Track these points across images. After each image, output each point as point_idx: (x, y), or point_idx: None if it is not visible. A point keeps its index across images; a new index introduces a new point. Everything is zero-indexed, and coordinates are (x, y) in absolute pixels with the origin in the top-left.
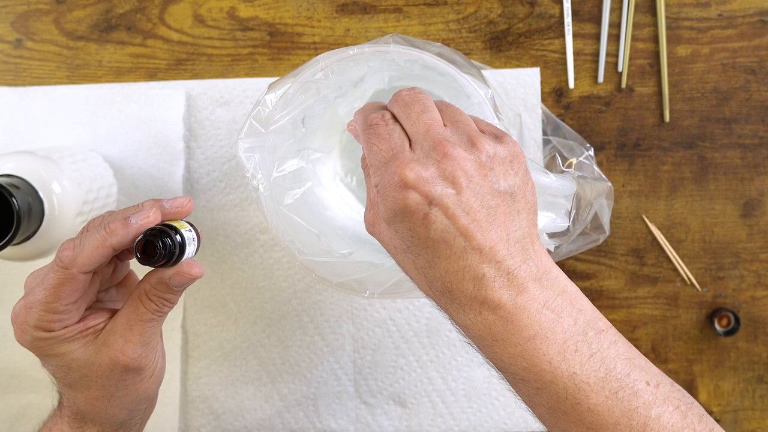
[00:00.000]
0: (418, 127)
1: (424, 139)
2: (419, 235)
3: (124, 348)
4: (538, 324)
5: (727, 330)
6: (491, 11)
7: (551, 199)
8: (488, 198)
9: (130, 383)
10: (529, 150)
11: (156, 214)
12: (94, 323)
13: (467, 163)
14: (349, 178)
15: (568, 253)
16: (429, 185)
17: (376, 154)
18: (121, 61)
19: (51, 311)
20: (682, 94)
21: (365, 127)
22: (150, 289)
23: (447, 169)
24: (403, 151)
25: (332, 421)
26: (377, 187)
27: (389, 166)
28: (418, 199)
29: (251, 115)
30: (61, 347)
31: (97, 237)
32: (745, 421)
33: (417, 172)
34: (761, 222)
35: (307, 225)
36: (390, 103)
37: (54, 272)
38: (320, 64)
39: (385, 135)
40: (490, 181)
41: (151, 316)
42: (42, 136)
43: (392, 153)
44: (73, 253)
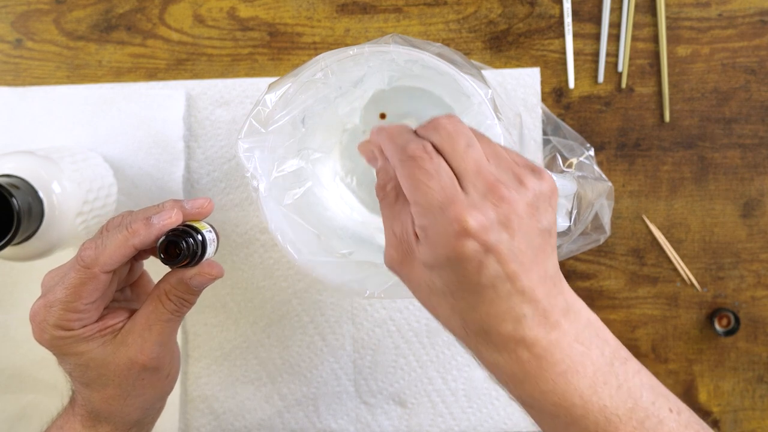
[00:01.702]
0: (468, 164)
1: (476, 178)
2: (468, 281)
3: (143, 347)
4: (569, 358)
5: (727, 330)
6: (491, 11)
7: None
8: (534, 238)
9: (147, 383)
10: (529, 150)
11: (178, 214)
12: (112, 322)
13: (519, 205)
14: (349, 178)
15: (569, 253)
16: (488, 233)
17: (424, 194)
18: (121, 61)
19: (71, 310)
20: (682, 94)
21: (404, 157)
22: (170, 290)
23: (503, 213)
24: (457, 193)
25: (332, 421)
26: (425, 230)
27: (446, 210)
28: (477, 247)
29: (251, 115)
30: (79, 346)
31: (119, 237)
32: (745, 421)
33: (479, 220)
34: (761, 222)
35: (307, 225)
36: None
37: (75, 271)
38: (320, 64)
39: (432, 171)
40: (536, 220)
41: (170, 316)
42: (42, 136)
43: (445, 194)
44: (95, 253)
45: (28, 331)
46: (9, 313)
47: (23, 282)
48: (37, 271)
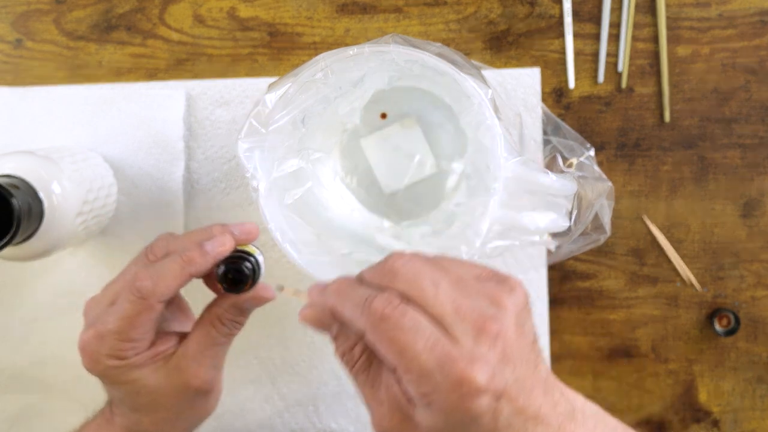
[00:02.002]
0: (444, 307)
1: (459, 320)
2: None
3: (197, 372)
4: None
5: (727, 330)
6: (491, 11)
7: (552, 199)
8: (528, 355)
9: (198, 405)
10: (529, 150)
11: (231, 242)
12: (163, 348)
13: (509, 330)
14: (349, 178)
15: (569, 253)
16: (497, 379)
17: (414, 359)
18: (121, 61)
19: (125, 340)
20: (682, 94)
21: (374, 320)
22: (223, 314)
23: (501, 350)
24: (447, 345)
25: (332, 421)
26: (427, 397)
27: (447, 372)
28: (490, 400)
29: (251, 115)
30: (132, 374)
31: (175, 267)
32: (745, 421)
33: (485, 372)
34: (761, 222)
35: (307, 225)
36: (382, 278)
37: (130, 302)
38: (320, 64)
39: (411, 327)
40: (524, 337)
41: (223, 340)
42: (42, 136)
43: (437, 353)
44: (152, 284)
45: (28, 331)
46: (9, 313)
47: (23, 282)
48: (37, 271)
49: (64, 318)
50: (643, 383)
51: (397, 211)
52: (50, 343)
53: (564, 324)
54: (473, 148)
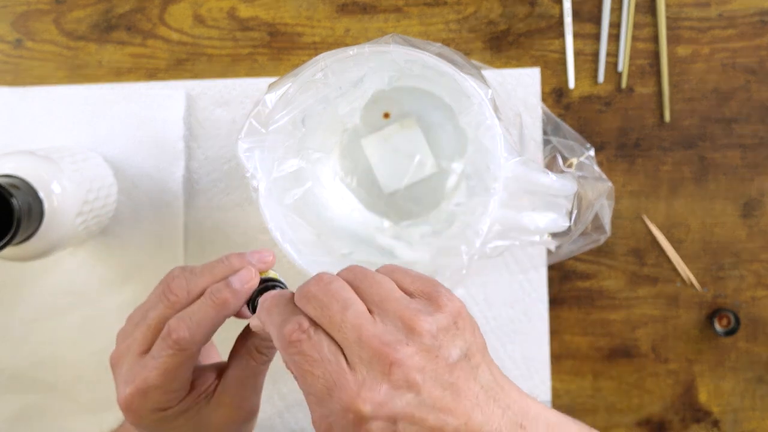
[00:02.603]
0: (347, 333)
1: (360, 348)
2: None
3: (242, 404)
4: None
5: (727, 330)
6: (491, 11)
7: (552, 199)
8: (446, 377)
9: (243, 430)
10: (529, 150)
11: (256, 274)
12: (204, 387)
13: (415, 358)
14: (349, 178)
15: (569, 253)
16: (388, 406)
17: (311, 384)
18: (121, 61)
19: (169, 392)
20: (682, 94)
21: (285, 344)
22: (260, 344)
23: (399, 378)
24: (342, 373)
25: None
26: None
27: (334, 398)
28: (382, 425)
29: (251, 115)
30: (178, 420)
31: (210, 312)
32: (745, 421)
33: (371, 399)
34: (761, 222)
35: (307, 225)
36: (299, 300)
37: (169, 356)
38: (320, 64)
39: (313, 354)
40: (443, 360)
41: (262, 368)
42: (42, 136)
43: (331, 379)
44: (190, 334)
45: (28, 331)
46: (9, 313)
47: (23, 282)
48: (37, 271)
49: (64, 318)
50: (643, 383)
51: (397, 211)
52: (50, 343)
53: (564, 324)
54: (473, 148)
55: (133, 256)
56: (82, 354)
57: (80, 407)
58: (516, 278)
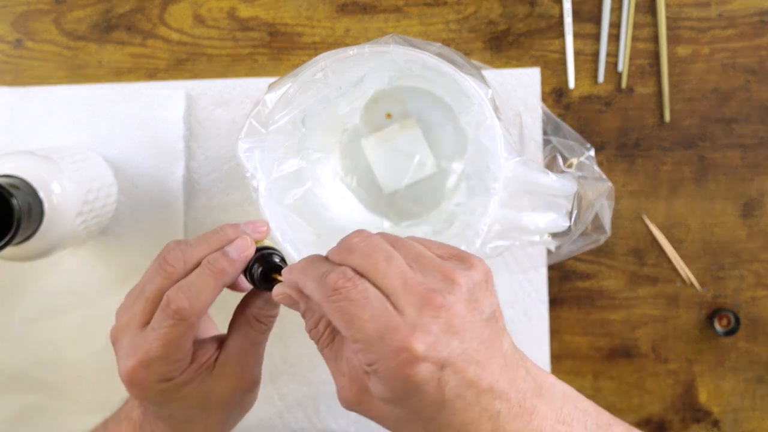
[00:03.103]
0: (393, 280)
1: (407, 293)
2: (432, 402)
3: (243, 374)
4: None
5: (727, 330)
6: (491, 11)
7: (552, 199)
8: (481, 332)
9: (246, 401)
10: (529, 150)
11: (252, 243)
12: (205, 358)
13: (458, 306)
14: (349, 178)
15: (569, 254)
16: (438, 349)
17: (360, 328)
18: (121, 61)
19: (171, 363)
20: (682, 94)
21: (328, 292)
22: (259, 313)
23: (446, 322)
24: (392, 316)
25: (332, 421)
26: (373, 366)
27: (386, 340)
28: (431, 368)
29: (251, 115)
30: (182, 391)
31: (208, 281)
32: (745, 421)
33: (425, 341)
34: (761, 222)
35: (307, 225)
36: (340, 254)
37: (170, 326)
38: (320, 64)
39: (360, 300)
40: (478, 313)
41: (263, 337)
42: (42, 136)
43: (381, 323)
44: (190, 303)
45: (28, 331)
46: (9, 313)
47: (23, 282)
48: (37, 271)
49: (64, 318)
50: (643, 383)
51: (397, 211)
52: (50, 343)
53: (564, 324)
54: (473, 148)
55: (133, 256)
56: (82, 354)
57: (80, 407)
58: (516, 278)
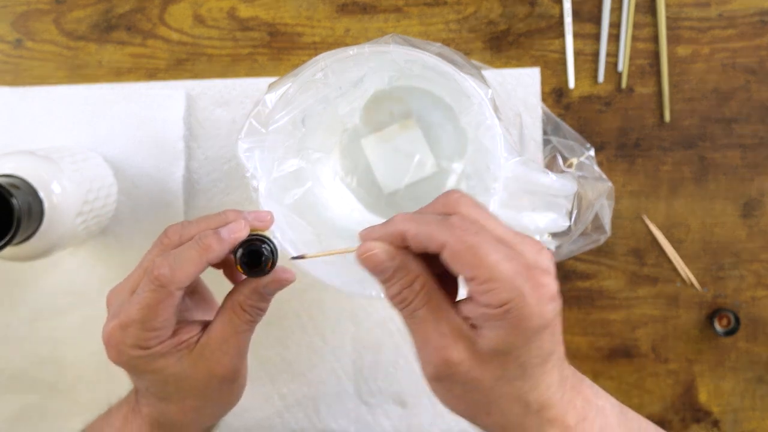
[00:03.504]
0: (504, 229)
1: (521, 242)
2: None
3: (222, 360)
4: None
5: (727, 330)
6: (491, 11)
7: (552, 199)
8: None
9: (224, 392)
10: (529, 150)
11: (247, 227)
12: (187, 337)
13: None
14: (349, 178)
15: (569, 253)
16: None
17: (496, 265)
18: (121, 61)
19: (148, 329)
20: (682, 94)
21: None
22: (244, 300)
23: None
24: (520, 257)
25: (332, 421)
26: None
27: (526, 276)
28: (555, 311)
29: (251, 115)
30: (157, 363)
31: (193, 253)
32: (745, 421)
33: (554, 281)
34: (761, 222)
35: (307, 225)
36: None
37: (150, 291)
38: (320, 64)
39: (489, 239)
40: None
41: (245, 327)
42: (42, 136)
43: (515, 261)
44: (171, 271)
45: (28, 331)
46: (9, 313)
47: (23, 282)
48: (37, 271)
49: (64, 318)
50: (643, 383)
51: (397, 210)
52: (50, 343)
53: (564, 324)
54: (473, 148)
55: (133, 256)
56: (82, 354)
57: (80, 407)
58: None
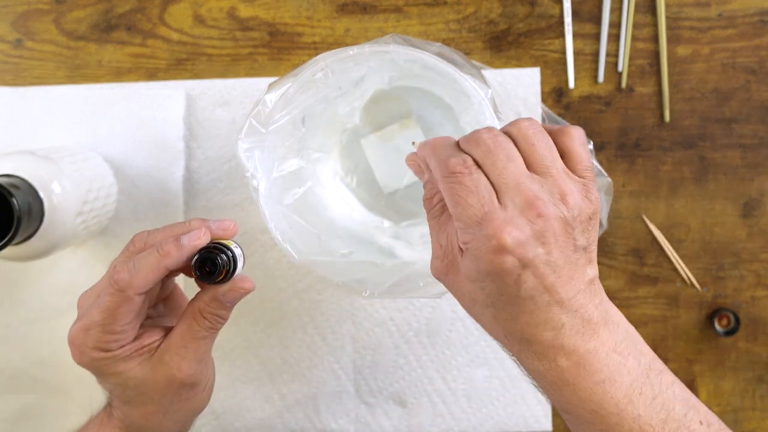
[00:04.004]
0: (507, 179)
1: (515, 193)
2: (507, 294)
3: (180, 365)
4: (607, 368)
5: (727, 330)
6: (491, 11)
7: None
8: (570, 254)
9: (185, 398)
10: None
11: (206, 234)
12: (149, 341)
13: (556, 222)
14: (349, 178)
15: None
16: (525, 248)
17: (464, 209)
18: (121, 61)
19: (108, 332)
20: (682, 94)
21: (446, 173)
22: (204, 307)
23: (539, 229)
24: (495, 208)
25: (332, 421)
26: (466, 245)
27: (483, 226)
28: (515, 263)
29: (251, 115)
30: (118, 366)
31: (151, 259)
32: (745, 421)
33: (515, 236)
34: (761, 222)
35: (307, 225)
36: (468, 144)
37: (110, 295)
38: (320, 64)
39: (471, 186)
40: (573, 239)
41: (205, 334)
42: (42, 136)
43: (483, 210)
44: (129, 276)
45: (28, 331)
46: (9, 313)
47: (23, 282)
48: (37, 271)
49: (64, 318)
50: None
51: (397, 210)
52: (50, 343)
53: None
54: None
55: None
56: None
57: (80, 407)
58: None
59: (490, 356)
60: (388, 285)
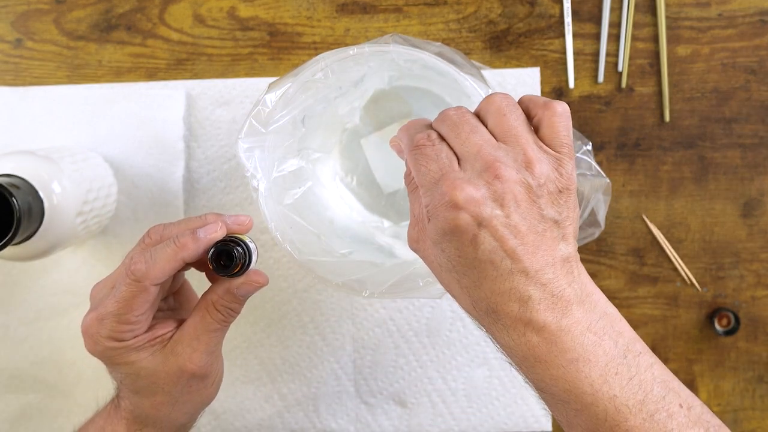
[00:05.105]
0: (469, 147)
1: (475, 158)
2: (466, 256)
3: (192, 357)
4: (581, 347)
5: (727, 330)
6: (491, 11)
7: None
8: (535, 223)
9: (194, 390)
10: None
11: (222, 228)
12: (161, 332)
13: (517, 186)
14: (349, 178)
15: None
16: (479, 206)
17: (424, 175)
18: (121, 61)
19: (123, 322)
20: (682, 94)
21: (411, 147)
22: (217, 300)
23: (498, 190)
24: (452, 170)
25: (332, 421)
26: (427, 207)
27: (439, 185)
28: (468, 219)
29: (251, 115)
30: (130, 356)
31: (168, 251)
32: (745, 421)
33: (468, 192)
34: (761, 222)
35: (307, 225)
36: (436, 122)
37: (126, 285)
38: (320, 64)
39: (432, 155)
40: (538, 207)
41: (217, 326)
42: (42, 136)
43: (441, 173)
44: (146, 267)
45: (28, 331)
46: (9, 313)
47: (23, 282)
48: (37, 271)
49: (64, 318)
50: None
51: (397, 210)
52: (50, 343)
53: None
54: None
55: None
56: (82, 354)
57: (80, 407)
58: None
59: (490, 356)
60: (388, 285)
